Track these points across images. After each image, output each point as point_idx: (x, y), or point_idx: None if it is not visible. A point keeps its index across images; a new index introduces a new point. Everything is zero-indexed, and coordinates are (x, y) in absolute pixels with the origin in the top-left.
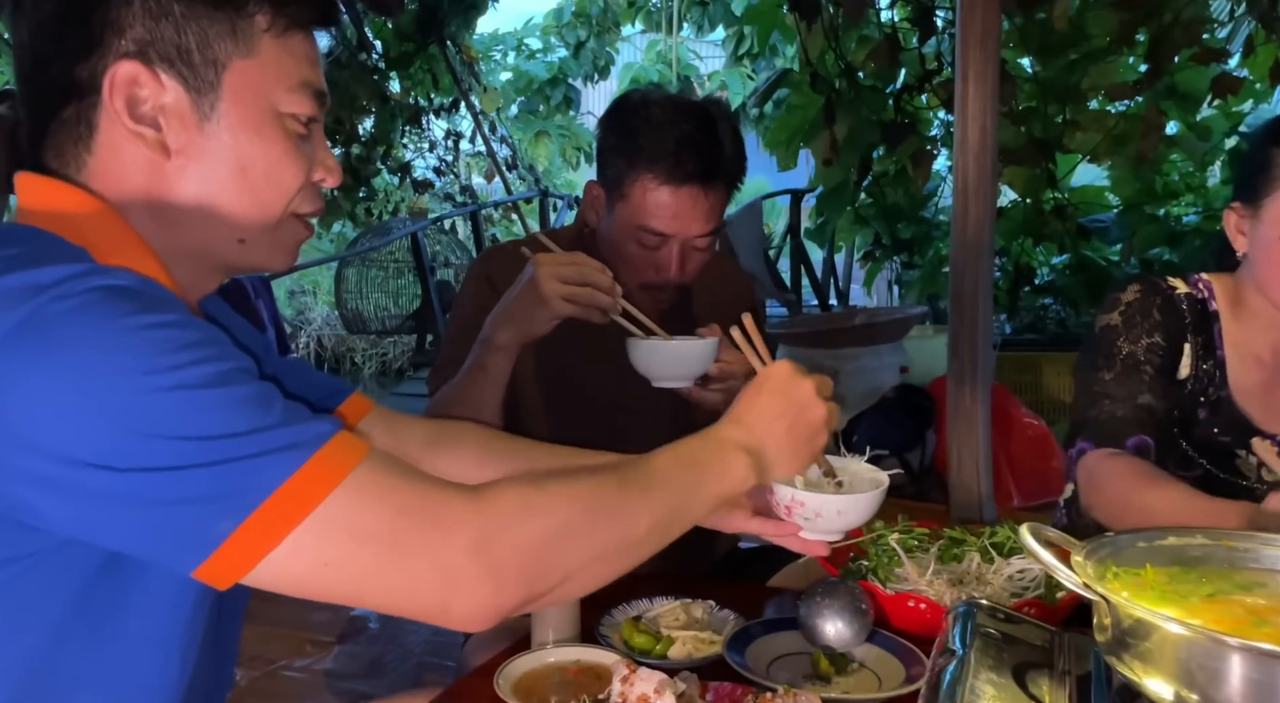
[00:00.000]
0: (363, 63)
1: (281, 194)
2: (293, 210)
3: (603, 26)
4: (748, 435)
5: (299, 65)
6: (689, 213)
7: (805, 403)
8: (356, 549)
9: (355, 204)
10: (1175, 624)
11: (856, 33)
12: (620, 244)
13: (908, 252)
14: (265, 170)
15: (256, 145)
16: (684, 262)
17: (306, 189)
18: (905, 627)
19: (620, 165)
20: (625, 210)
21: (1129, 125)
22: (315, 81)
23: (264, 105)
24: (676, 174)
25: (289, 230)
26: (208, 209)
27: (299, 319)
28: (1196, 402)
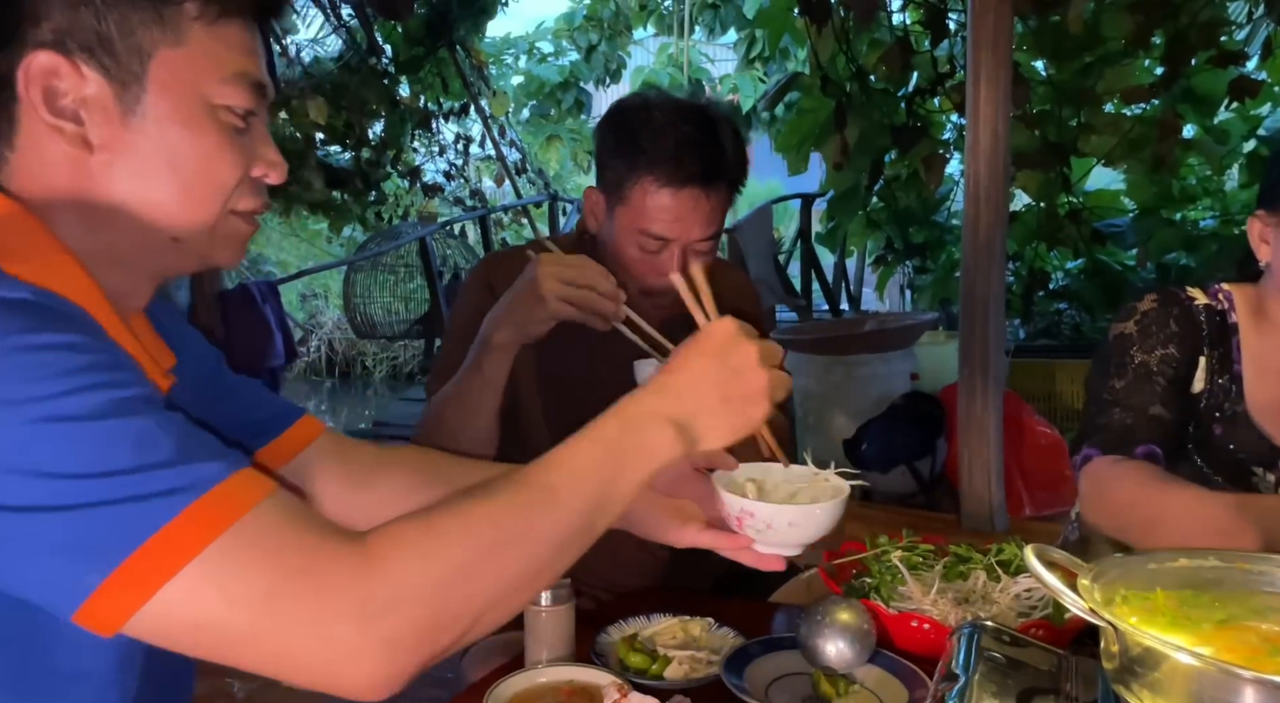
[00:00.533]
0: (372, 67)
1: (216, 190)
2: (231, 207)
3: (614, 30)
4: (675, 404)
5: (233, 55)
6: (690, 216)
7: (744, 367)
8: (230, 613)
9: (365, 208)
10: (1185, 654)
11: (868, 36)
12: (621, 249)
13: (920, 256)
14: (197, 166)
15: (186, 139)
16: (685, 266)
17: (245, 184)
18: (908, 647)
19: (619, 169)
20: (625, 214)
21: (1145, 129)
22: (252, 72)
23: (194, 97)
24: (677, 176)
25: (228, 228)
26: (138, 207)
27: (310, 323)
28: (1212, 417)
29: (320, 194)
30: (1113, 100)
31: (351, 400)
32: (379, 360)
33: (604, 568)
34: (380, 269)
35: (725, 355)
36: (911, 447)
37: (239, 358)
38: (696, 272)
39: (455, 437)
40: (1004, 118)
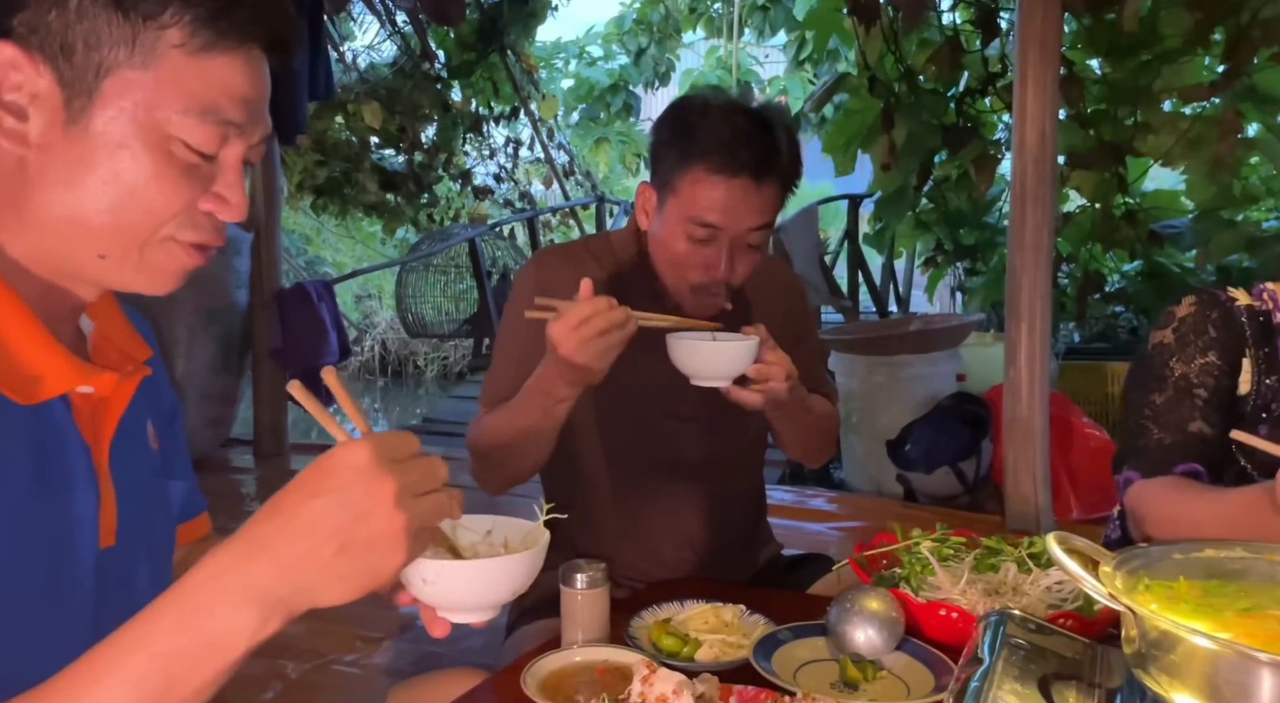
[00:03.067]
0: (425, 72)
1: (148, 216)
2: (167, 234)
3: (664, 33)
4: (266, 569)
5: (207, 90)
6: (740, 206)
7: (373, 509)
8: None
9: (418, 210)
10: (1202, 638)
11: (916, 36)
12: (670, 242)
13: (970, 258)
14: (132, 188)
15: (125, 160)
16: (734, 260)
17: (190, 216)
18: (937, 636)
19: (673, 159)
20: (676, 205)
21: (1204, 128)
22: (225, 111)
23: (146, 121)
24: (729, 165)
25: (162, 254)
26: (65, 216)
27: (365, 323)
28: (1258, 418)
29: (375, 196)
30: (1170, 99)
31: (403, 399)
32: (430, 360)
33: (641, 564)
34: (431, 270)
35: (348, 494)
36: (956, 448)
37: (294, 355)
38: (330, 376)
39: (514, 460)
40: (1052, 117)
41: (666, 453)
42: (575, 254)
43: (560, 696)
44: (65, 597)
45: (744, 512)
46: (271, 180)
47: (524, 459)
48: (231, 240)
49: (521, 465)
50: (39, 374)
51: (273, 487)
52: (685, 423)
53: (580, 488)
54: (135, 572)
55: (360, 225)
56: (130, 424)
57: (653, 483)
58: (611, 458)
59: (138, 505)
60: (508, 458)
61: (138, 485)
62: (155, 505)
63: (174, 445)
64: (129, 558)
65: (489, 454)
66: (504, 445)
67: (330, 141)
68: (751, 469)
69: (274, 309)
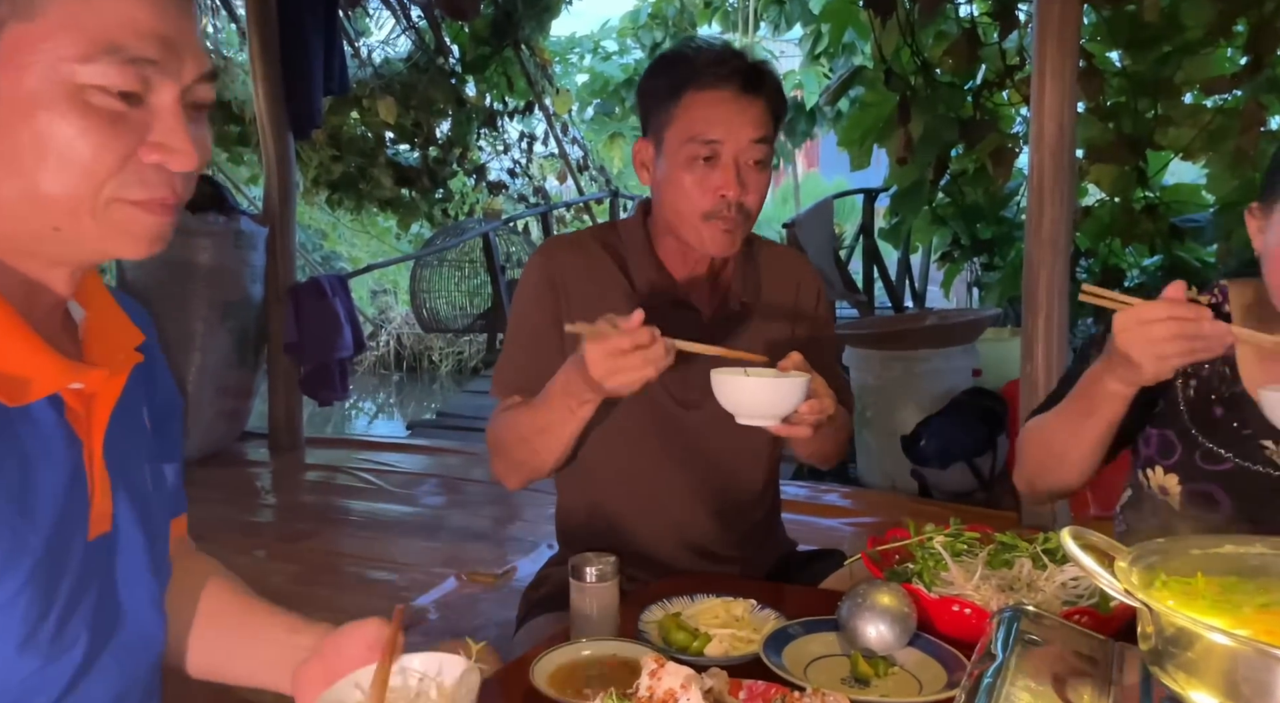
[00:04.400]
0: (440, 67)
1: (82, 177)
2: (112, 195)
3: (679, 27)
4: None
5: (105, 28)
6: (736, 118)
7: None
8: None
9: (432, 205)
10: (1219, 634)
11: (933, 28)
12: (675, 177)
13: (987, 253)
14: (59, 150)
15: (42, 122)
16: (742, 179)
17: (135, 172)
18: (950, 632)
19: (664, 95)
20: (675, 137)
21: (1226, 120)
22: (133, 48)
23: (51, 76)
24: (720, 78)
25: (118, 217)
26: (9, 193)
27: (380, 318)
28: (1207, 400)
29: (389, 191)
30: (1192, 91)
31: (418, 394)
32: (445, 355)
33: (652, 557)
34: (446, 265)
35: None
36: (972, 443)
37: (309, 349)
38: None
39: (537, 457)
40: (1070, 110)
41: (676, 442)
42: (583, 243)
43: (569, 689)
44: (50, 591)
45: (756, 507)
46: (286, 175)
47: (547, 456)
48: (247, 235)
49: (544, 462)
50: (26, 376)
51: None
52: (692, 411)
53: (591, 479)
54: (134, 553)
55: (375, 220)
56: (124, 411)
57: (663, 474)
58: (621, 446)
59: (134, 490)
60: (530, 455)
61: (134, 471)
62: (151, 488)
63: (170, 438)
64: (127, 541)
65: (510, 451)
66: (525, 441)
67: (345, 137)
68: (763, 463)
69: (289, 304)
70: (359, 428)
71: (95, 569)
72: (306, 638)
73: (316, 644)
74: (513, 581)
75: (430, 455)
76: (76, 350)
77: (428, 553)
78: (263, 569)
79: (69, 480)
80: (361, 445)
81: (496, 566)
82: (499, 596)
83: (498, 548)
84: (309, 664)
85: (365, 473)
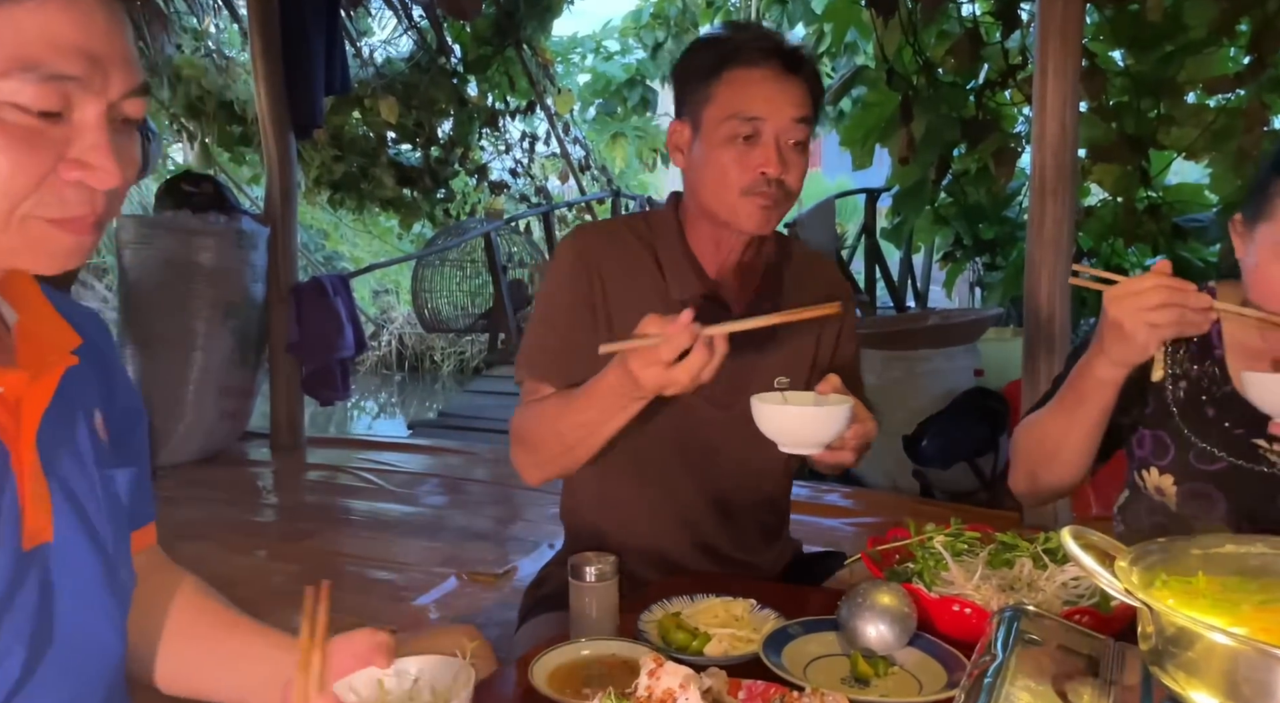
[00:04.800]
0: (442, 67)
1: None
2: (28, 213)
3: (681, 27)
4: None
5: (22, 43)
6: (778, 95)
7: None
8: None
9: (434, 205)
10: (1220, 634)
11: (935, 28)
12: (714, 157)
13: (990, 253)
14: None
15: None
16: (783, 158)
17: (52, 190)
18: (950, 632)
19: (705, 72)
20: (715, 114)
21: (1229, 120)
22: (52, 64)
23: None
24: (762, 55)
25: (36, 235)
26: None
27: (382, 318)
28: (1199, 401)
29: (391, 191)
30: (1195, 91)
31: (420, 394)
32: (447, 355)
33: (659, 555)
34: (447, 265)
35: None
36: (973, 443)
37: (311, 349)
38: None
39: (572, 453)
40: (1072, 109)
41: (697, 440)
42: (616, 231)
43: (568, 688)
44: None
45: (770, 510)
46: (288, 175)
47: (583, 453)
48: (249, 234)
49: (578, 459)
50: None
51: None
52: (722, 410)
53: (605, 472)
54: (82, 563)
55: (377, 220)
56: (64, 417)
57: (680, 471)
58: (640, 440)
59: (78, 498)
60: (564, 452)
61: (79, 479)
62: (98, 495)
63: (130, 448)
64: (71, 552)
65: (542, 446)
66: (561, 437)
67: (347, 136)
68: (780, 467)
69: (290, 304)
70: (360, 428)
71: (29, 580)
72: (294, 655)
73: None
74: (514, 580)
75: (432, 455)
76: (7, 355)
77: (429, 553)
78: (264, 569)
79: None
80: (363, 445)
81: (497, 565)
82: (500, 595)
83: (499, 548)
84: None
85: (367, 473)
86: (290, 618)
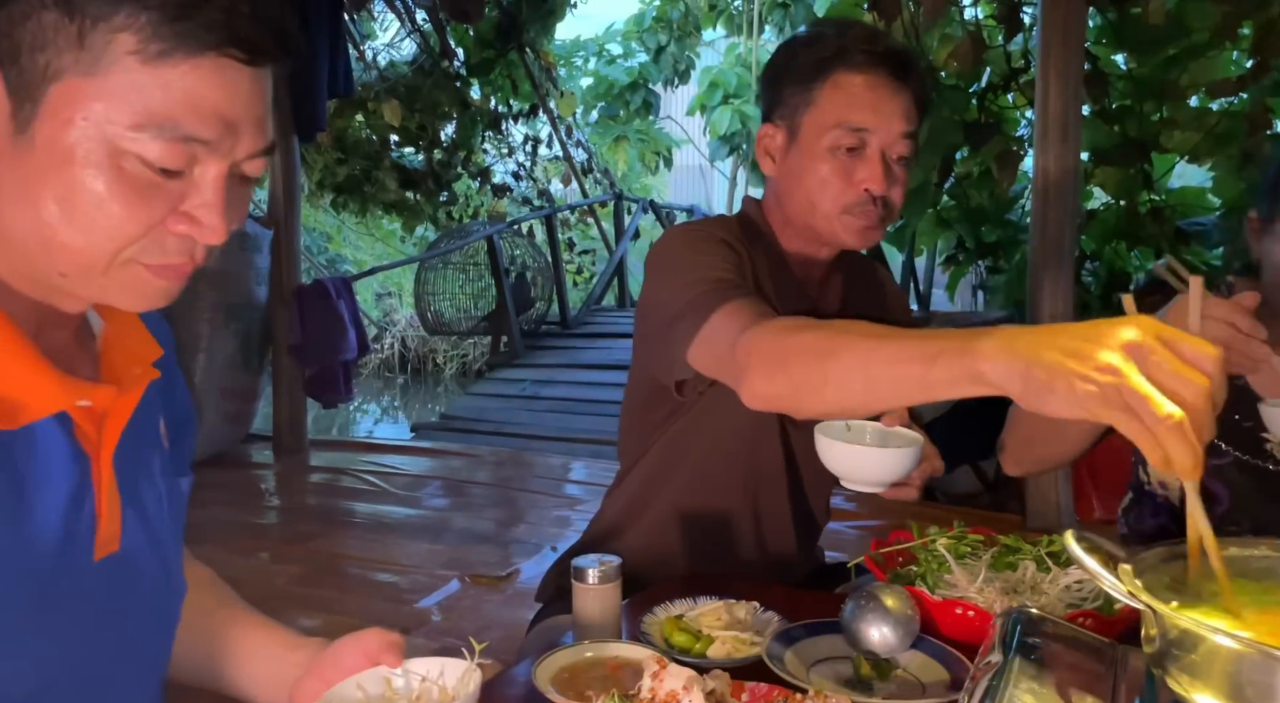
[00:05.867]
0: (445, 70)
1: (103, 238)
2: (130, 258)
3: (683, 31)
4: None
5: (167, 103)
6: (887, 105)
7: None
8: None
9: (437, 208)
10: (1224, 636)
11: (938, 31)
12: (812, 168)
13: (992, 255)
14: (85, 208)
15: (73, 177)
16: (889, 176)
17: (156, 239)
18: (953, 634)
19: (806, 74)
20: (816, 119)
21: (1232, 123)
22: (188, 126)
23: (95, 135)
24: (871, 61)
25: (128, 277)
26: (22, 232)
27: (385, 321)
28: None
29: (394, 194)
30: (1197, 94)
31: (422, 396)
32: (449, 357)
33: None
34: (450, 267)
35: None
36: (977, 446)
37: (313, 352)
38: None
39: (844, 387)
40: (1075, 112)
41: (759, 453)
42: (728, 228)
43: (571, 690)
44: (45, 615)
45: (807, 529)
46: (291, 178)
47: (841, 395)
48: (252, 237)
49: (823, 402)
50: (23, 399)
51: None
52: (800, 429)
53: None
54: (143, 572)
55: (380, 223)
56: (138, 427)
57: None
58: (718, 448)
59: (145, 507)
60: (830, 383)
61: (146, 488)
62: (163, 504)
63: (183, 453)
64: (136, 560)
65: (820, 363)
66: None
67: (350, 139)
68: (825, 488)
69: (294, 306)
70: (363, 430)
71: (100, 591)
72: (303, 654)
73: (311, 660)
74: (516, 583)
75: (434, 458)
76: (93, 364)
77: (432, 555)
78: (267, 571)
79: (72, 501)
80: (366, 448)
81: (500, 568)
82: (503, 597)
83: (501, 550)
84: (305, 680)
85: (369, 475)
86: (293, 620)
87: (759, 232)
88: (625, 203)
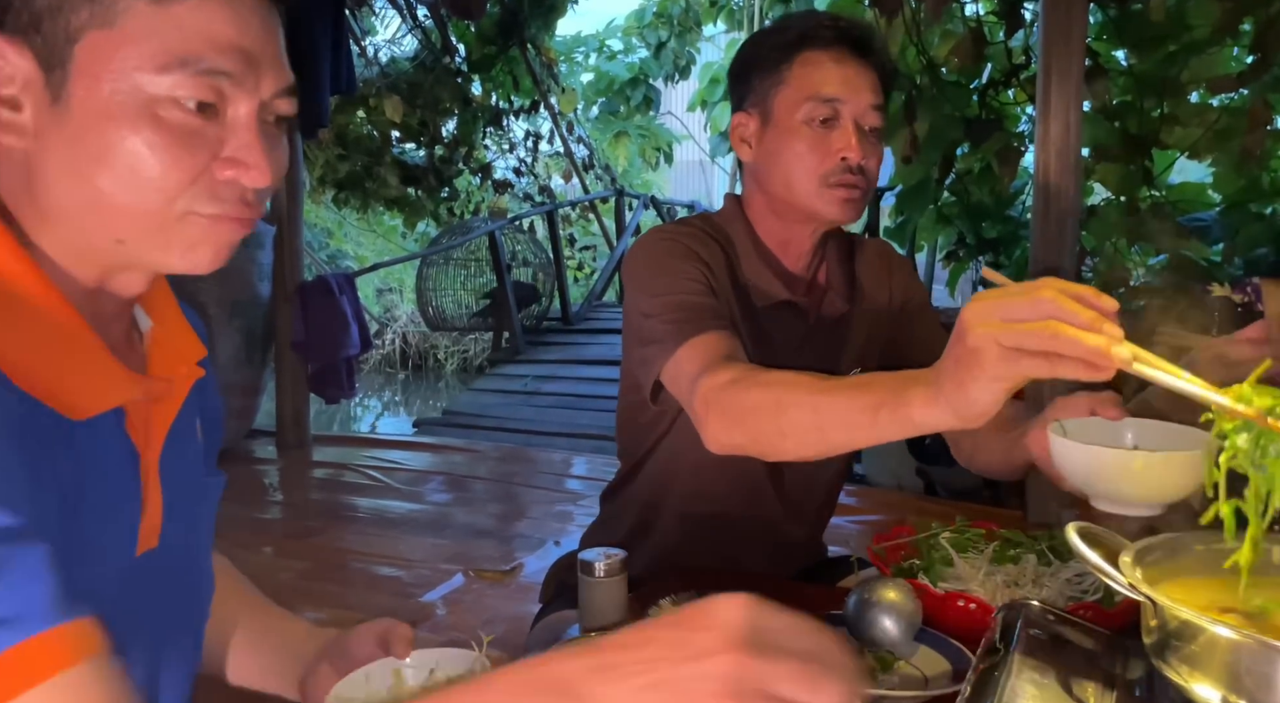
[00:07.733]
0: (446, 66)
1: (153, 192)
2: (185, 209)
3: (684, 26)
4: None
5: (185, 39)
6: (855, 79)
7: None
8: None
9: (438, 204)
10: (1223, 627)
11: (939, 27)
12: (788, 144)
13: (993, 252)
14: (129, 163)
15: (113, 133)
16: (862, 145)
17: (207, 186)
18: (955, 627)
19: (775, 59)
20: (788, 98)
21: (1233, 119)
22: (209, 59)
23: (125, 87)
24: (837, 38)
25: (189, 230)
26: (75, 204)
27: (386, 317)
28: None
29: (396, 190)
30: (1198, 90)
31: (424, 392)
32: (450, 353)
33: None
34: (451, 264)
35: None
36: None
37: (316, 348)
38: None
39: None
40: (1076, 109)
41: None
42: (693, 232)
43: None
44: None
45: (811, 530)
46: (294, 174)
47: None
48: (254, 233)
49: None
50: (92, 389)
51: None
52: None
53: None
54: (178, 568)
55: (381, 219)
56: (181, 424)
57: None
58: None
59: (184, 504)
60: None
61: (186, 484)
62: (199, 501)
63: (214, 449)
64: (170, 556)
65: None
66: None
67: (351, 136)
68: (841, 477)
69: (296, 302)
70: (365, 426)
71: (137, 586)
72: (314, 644)
73: (322, 650)
74: (519, 577)
75: (437, 453)
76: (140, 360)
77: (435, 550)
78: (270, 566)
79: (122, 494)
80: (368, 443)
81: (503, 562)
82: (506, 592)
83: (504, 545)
84: (319, 670)
85: (372, 470)
86: (298, 614)
87: (740, 228)
88: (626, 199)
